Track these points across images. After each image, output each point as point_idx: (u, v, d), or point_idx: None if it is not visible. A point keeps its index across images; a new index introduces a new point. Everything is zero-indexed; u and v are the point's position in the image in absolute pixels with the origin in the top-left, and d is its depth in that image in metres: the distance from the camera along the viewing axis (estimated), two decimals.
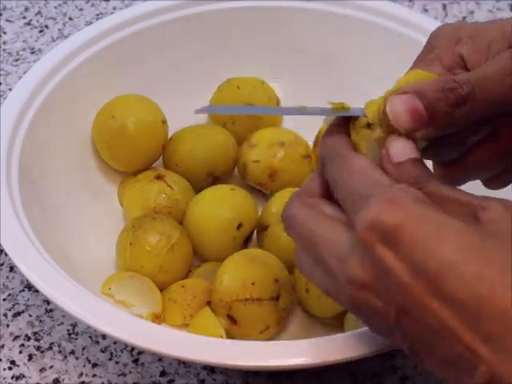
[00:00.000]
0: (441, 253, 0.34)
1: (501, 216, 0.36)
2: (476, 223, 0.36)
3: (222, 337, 0.52)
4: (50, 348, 0.55)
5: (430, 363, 0.36)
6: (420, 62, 0.45)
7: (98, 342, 0.55)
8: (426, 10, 0.82)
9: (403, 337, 0.36)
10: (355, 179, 0.39)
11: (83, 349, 0.55)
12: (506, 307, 0.32)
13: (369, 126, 0.42)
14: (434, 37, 0.45)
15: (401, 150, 0.40)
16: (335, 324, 0.54)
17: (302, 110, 0.45)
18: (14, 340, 0.55)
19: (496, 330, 0.32)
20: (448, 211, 0.36)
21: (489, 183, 0.48)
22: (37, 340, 0.55)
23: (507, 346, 0.32)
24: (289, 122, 0.67)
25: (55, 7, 0.83)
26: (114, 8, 0.83)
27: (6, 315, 0.57)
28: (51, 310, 0.57)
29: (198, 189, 0.61)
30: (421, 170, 0.40)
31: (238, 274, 0.53)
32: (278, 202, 0.58)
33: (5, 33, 0.80)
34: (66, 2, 0.83)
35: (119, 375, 0.53)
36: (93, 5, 0.83)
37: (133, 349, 0.54)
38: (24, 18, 0.82)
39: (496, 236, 0.35)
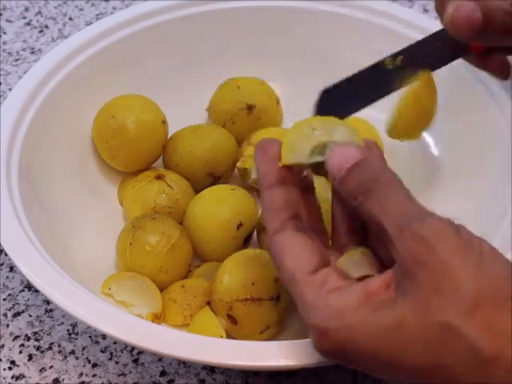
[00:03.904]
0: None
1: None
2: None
3: (222, 337, 0.52)
4: (50, 348, 0.55)
5: None
6: None
7: (97, 342, 0.55)
8: (426, 10, 0.82)
9: None
10: None
11: (83, 349, 0.55)
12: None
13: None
14: None
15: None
16: None
17: None
18: (13, 340, 0.55)
19: None
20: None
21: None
22: (37, 340, 0.55)
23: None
24: (289, 122, 0.67)
25: (55, 7, 0.83)
26: (114, 8, 0.83)
27: (5, 315, 0.57)
28: (51, 310, 0.57)
29: (198, 189, 0.61)
30: None
31: (238, 274, 0.53)
32: None
33: (5, 33, 0.80)
34: (65, 2, 0.83)
35: (119, 375, 0.53)
36: (93, 5, 0.83)
37: (133, 349, 0.54)
38: (24, 18, 0.82)
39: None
